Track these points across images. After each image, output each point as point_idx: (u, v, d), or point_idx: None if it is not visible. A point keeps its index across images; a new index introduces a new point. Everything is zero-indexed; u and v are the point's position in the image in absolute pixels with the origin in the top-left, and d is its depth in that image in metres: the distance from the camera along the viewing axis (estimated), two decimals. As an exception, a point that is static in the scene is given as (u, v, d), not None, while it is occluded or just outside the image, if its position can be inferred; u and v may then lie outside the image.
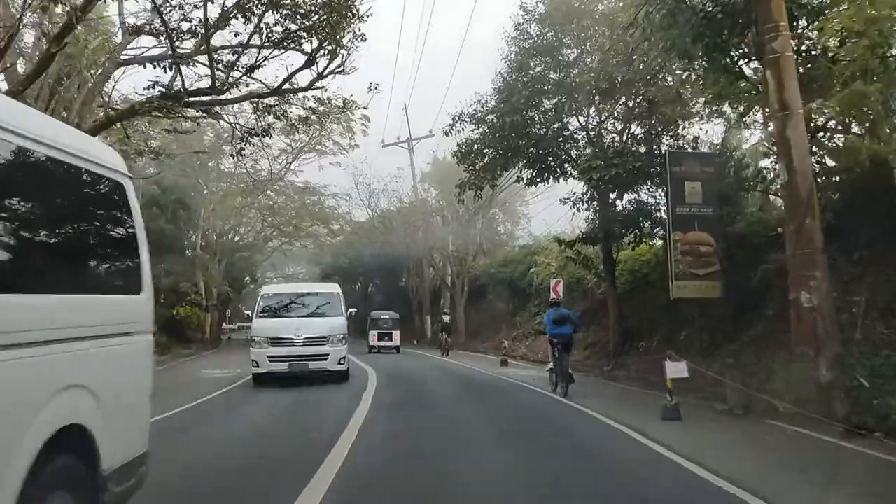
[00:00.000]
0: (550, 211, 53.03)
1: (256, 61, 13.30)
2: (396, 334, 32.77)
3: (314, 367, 14.72)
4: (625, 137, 18.44)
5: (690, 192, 14.47)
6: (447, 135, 19.84)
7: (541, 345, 27.27)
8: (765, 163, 15.66)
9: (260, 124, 16.43)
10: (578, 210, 19.92)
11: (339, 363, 15.22)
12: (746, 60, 12.17)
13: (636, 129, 18.35)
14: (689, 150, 16.73)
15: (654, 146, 17.24)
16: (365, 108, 17.40)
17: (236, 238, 45.35)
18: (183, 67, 13.60)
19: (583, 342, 22.46)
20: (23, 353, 2.99)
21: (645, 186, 18.16)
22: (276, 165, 40.62)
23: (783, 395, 9.94)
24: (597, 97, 18.38)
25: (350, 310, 17.07)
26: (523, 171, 20.14)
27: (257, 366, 14.91)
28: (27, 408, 3.01)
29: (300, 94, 16.38)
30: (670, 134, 17.49)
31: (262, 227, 42.45)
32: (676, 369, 9.55)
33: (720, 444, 8.38)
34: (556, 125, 19.10)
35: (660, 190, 17.94)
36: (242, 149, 16.27)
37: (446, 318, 33.71)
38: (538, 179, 19.87)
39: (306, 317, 15.74)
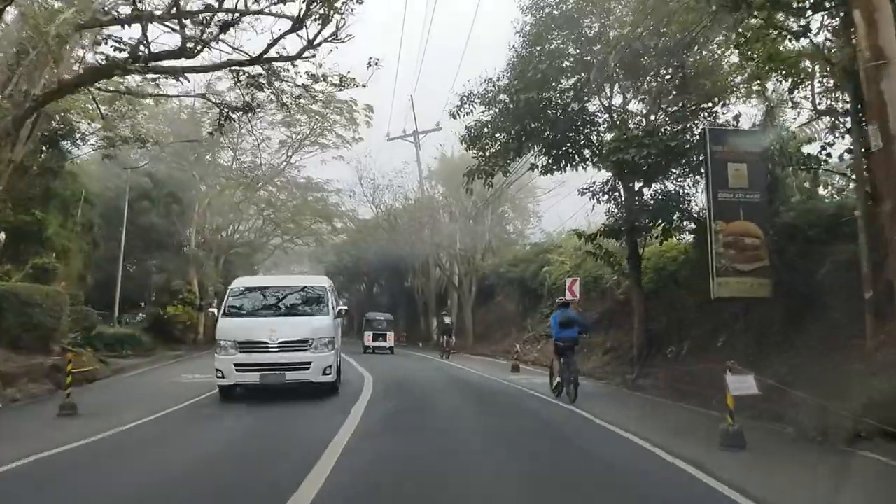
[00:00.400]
0: (564, 207, 50.98)
1: (232, 18, 11.43)
2: (391, 335, 33.54)
3: (292, 377, 12.01)
4: (654, 117, 16.43)
5: (735, 176, 12.53)
6: (454, 117, 17.96)
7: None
8: (809, 148, 13.58)
9: (245, 98, 14.61)
10: (598, 201, 17.88)
11: (325, 373, 12.33)
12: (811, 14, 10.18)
13: (667, 107, 16.31)
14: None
15: (689, 125, 15.22)
16: (364, 86, 15.48)
17: (236, 236, 43.61)
18: (158, 33, 11.92)
19: (601, 346, 20.50)
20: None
21: (674, 175, 16.18)
22: (277, 159, 39.05)
23: (865, 415, 7.96)
24: (621, 74, 16.46)
25: (340, 307, 14.19)
26: (538, 158, 18.21)
27: (222, 376, 12.11)
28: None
29: (292, 71, 14.58)
30: (707, 112, 15.47)
31: (262, 223, 40.66)
32: (743, 385, 7.49)
33: (810, 485, 6.38)
34: (574, 106, 17.15)
35: (690, 178, 16.02)
36: (222, 125, 14.40)
37: (447, 320, 32.23)
38: (554, 167, 17.95)
39: (284, 315, 12.95)
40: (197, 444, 8.71)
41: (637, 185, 16.58)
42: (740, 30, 11.56)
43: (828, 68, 10.93)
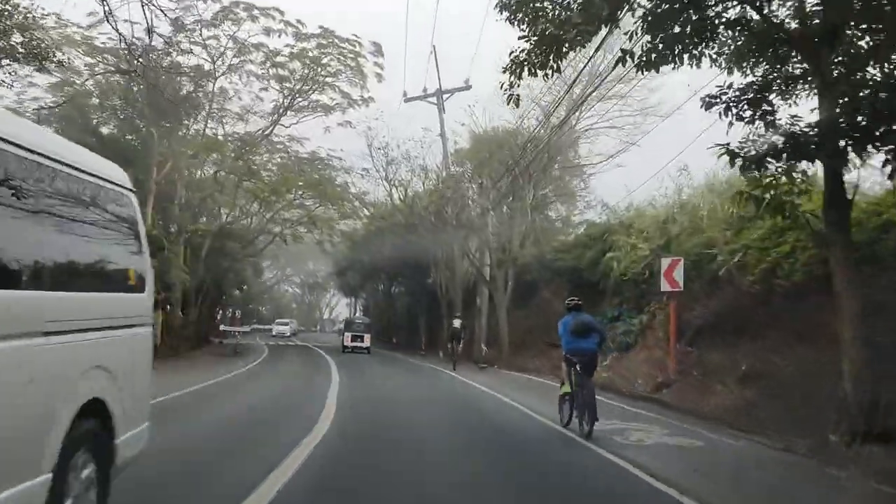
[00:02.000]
0: (628, 176, 41.78)
1: None
2: (368, 336, 36.33)
3: None
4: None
5: None
6: None
7: (633, 364, 17.65)
8: None
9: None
10: (739, 117, 9.92)
11: None
12: None
13: None
14: None
15: None
16: None
17: (226, 219, 36.34)
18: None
19: (728, 371, 12.43)
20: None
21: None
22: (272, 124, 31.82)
23: None
24: None
25: None
26: (636, 37, 10.25)
27: None
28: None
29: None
30: None
31: (242, 199, 33.36)
32: None
33: None
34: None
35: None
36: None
37: (457, 323, 27.07)
38: (665, 54, 9.99)
39: None
40: None
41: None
42: None
43: None
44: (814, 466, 7.88)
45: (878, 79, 8.63)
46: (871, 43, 9.10)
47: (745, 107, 9.93)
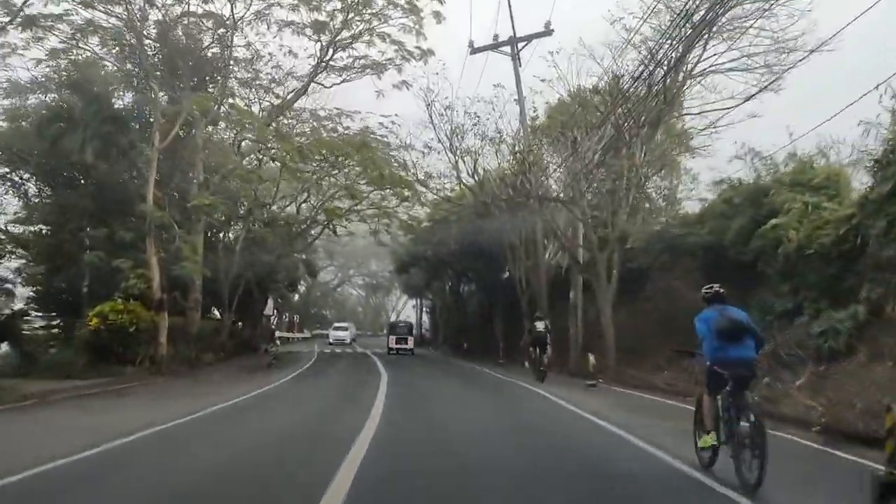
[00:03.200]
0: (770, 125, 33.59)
1: None
2: (411, 339, 38.98)
3: None
4: None
5: None
6: None
7: (842, 382, 11.15)
8: None
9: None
10: None
11: None
12: None
13: None
14: None
15: None
16: None
17: (270, 207, 31.07)
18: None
19: None
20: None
21: None
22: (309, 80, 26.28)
23: None
24: None
25: None
26: None
27: None
28: None
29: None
30: None
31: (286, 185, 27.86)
32: None
33: None
34: None
35: None
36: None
37: (540, 326, 20.66)
38: None
39: None
40: None
41: None
42: None
43: None
44: None
45: None
46: None
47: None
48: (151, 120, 20.66)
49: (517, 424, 11.31)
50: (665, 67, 18.16)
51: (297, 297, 66.84)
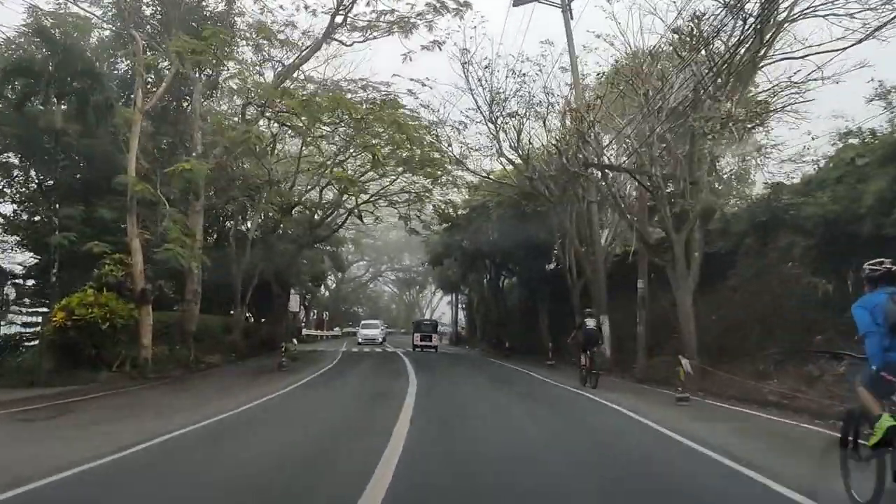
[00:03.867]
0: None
1: None
2: (436, 337, 40.07)
3: None
4: None
5: None
6: None
7: None
8: None
9: None
10: None
11: None
12: None
13: None
14: None
15: None
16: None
17: (292, 186, 27.69)
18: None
19: None
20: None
21: None
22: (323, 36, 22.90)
23: None
24: None
25: None
26: None
27: None
28: None
29: None
30: None
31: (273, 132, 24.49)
32: None
33: None
34: None
35: None
36: None
37: (590, 323, 17.00)
38: None
39: None
40: None
41: None
42: None
43: None
44: None
45: None
46: None
47: None
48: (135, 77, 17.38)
49: (600, 462, 7.56)
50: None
51: (326, 293, 63.83)
